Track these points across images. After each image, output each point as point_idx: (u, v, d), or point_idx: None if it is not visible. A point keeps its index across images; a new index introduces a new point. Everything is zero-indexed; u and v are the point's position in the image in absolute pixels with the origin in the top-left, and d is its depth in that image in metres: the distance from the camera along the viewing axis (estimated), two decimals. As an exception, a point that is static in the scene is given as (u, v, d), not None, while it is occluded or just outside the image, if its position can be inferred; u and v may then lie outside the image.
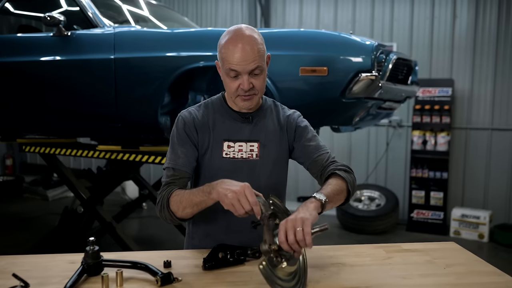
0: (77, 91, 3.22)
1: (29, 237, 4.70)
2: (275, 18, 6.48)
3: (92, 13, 3.28)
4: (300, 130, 1.71)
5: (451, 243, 1.76)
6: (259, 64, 1.51)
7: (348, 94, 2.59)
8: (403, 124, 5.89)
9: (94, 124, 3.32)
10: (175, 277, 1.38)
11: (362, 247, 1.71)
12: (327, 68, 2.55)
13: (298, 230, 1.27)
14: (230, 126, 1.65)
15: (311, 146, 1.68)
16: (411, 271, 1.46)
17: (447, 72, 5.61)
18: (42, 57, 3.26)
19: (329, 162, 1.65)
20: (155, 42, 3.01)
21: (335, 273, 1.45)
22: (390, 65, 2.82)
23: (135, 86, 3.00)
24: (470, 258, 1.59)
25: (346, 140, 6.20)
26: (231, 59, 1.49)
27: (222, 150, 1.63)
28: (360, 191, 5.81)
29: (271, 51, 2.67)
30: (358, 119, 2.82)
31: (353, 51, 2.60)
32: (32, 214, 6.04)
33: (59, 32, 3.18)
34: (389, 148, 5.99)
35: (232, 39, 1.51)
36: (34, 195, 7.07)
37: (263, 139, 1.66)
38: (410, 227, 5.54)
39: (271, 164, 1.67)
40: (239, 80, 1.53)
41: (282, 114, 1.74)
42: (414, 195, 5.54)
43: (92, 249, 1.42)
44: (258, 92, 1.57)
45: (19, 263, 1.53)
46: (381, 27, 5.89)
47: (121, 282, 1.35)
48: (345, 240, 5.16)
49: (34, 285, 1.33)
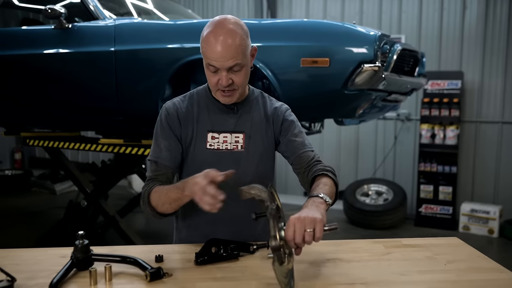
0: (78, 84, 3.20)
1: (36, 230, 4.70)
2: (282, 10, 6.41)
3: (93, 5, 3.25)
4: (287, 124, 1.66)
5: (454, 239, 1.71)
6: (238, 61, 1.46)
7: (350, 86, 2.53)
8: (411, 117, 5.80)
9: (96, 118, 3.30)
10: (165, 272, 1.35)
11: (361, 242, 1.66)
12: (328, 59, 2.49)
13: (309, 232, 1.22)
14: (214, 117, 1.62)
15: (297, 142, 1.64)
16: (410, 267, 1.41)
17: (456, 64, 5.51)
18: (43, 50, 3.24)
19: (314, 160, 1.61)
20: (155, 33, 2.98)
21: (330, 269, 1.41)
22: (394, 56, 2.75)
23: (135, 79, 2.98)
24: (473, 254, 1.53)
25: (354, 133, 6.13)
26: (210, 54, 1.46)
27: (206, 142, 1.60)
28: (368, 185, 5.75)
29: (271, 42, 2.66)
30: (362, 112, 2.76)
31: (355, 41, 2.54)
32: (40, 208, 6.07)
33: (60, 25, 3.16)
34: (397, 142, 5.91)
35: (212, 32, 1.47)
36: (42, 189, 7.10)
37: (249, 130, 1.62)
38: (418, 222, 5.46)
39: (257, 155, 1.63)
40: (218, 75, 1.49)
41: (270, 105, 1.69)
42: (423, 190, 5.45)
43: (81, 243, 1.39)
44: (239, 87, 1.54)
45: (10, 257, 1.51)
46: (389, 19, 5.80)
47: (110, 276, 1.32)
48: (352, 234, 5.10)
49: (22, 279, 1.30)
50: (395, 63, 2.80)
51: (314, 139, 6.12)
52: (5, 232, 5.00)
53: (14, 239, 4.67)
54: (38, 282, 1.30)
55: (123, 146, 3.39)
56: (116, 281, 1.32)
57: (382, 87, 2.61)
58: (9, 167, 8.01)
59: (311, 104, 2.68)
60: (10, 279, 1.25)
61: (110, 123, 3.28)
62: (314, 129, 3.63)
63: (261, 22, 3.11)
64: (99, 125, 3.57)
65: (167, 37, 2.92)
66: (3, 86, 3.47)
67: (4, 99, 3.53)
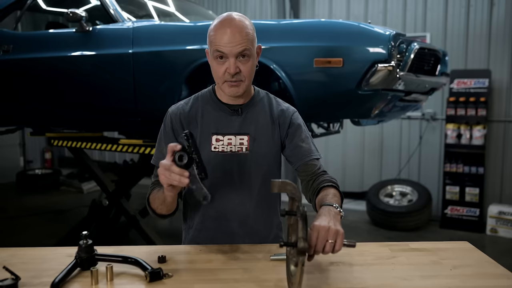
0: (98, 86, 3.26)
1: (61, 228, 4.82)
2: (305, 10, 6.38)
3: (113, 9, 3.31)
4: (294, 128, 1.65)
5: (463, 243, 1.66)
6: (246, 47, 1.47)
7: (364, 86, 2.50)
8: (437, 117, 5.69)
9: (115, 119, 3.36)
10: (165, 273, 1.36)
11: (367, 245, 1.63)
12: (342, 59, 2.47)
13: (330, 243, 1.22)
14: (219, 119, 1.61)
15: (304, 148, 1.62)
16: (413, 272, 1.38)
17: (483, 62, 5.36)
18: (65, 53, 3.31)
19: (321, 170, 1.61)
20: (171, 35, 3.01)
21: (331, 272, 1.39)
22: (411, 55, 2.69)
23: (152, 80, 3.01)
24: (481, 259, 1.49)
25: (378, 133, 6.04)
26: (219, 41, 1.46)
27: (211, 144, 1.60)
28: (392, 186, 5.67)
29: (284, 42, 2.65)
30: (378, 112, 2.71)
31: (369, 41, 2.50)
32: (67, 206, 6.22)
33: (81, 28, 3.23)
34: (422, 142, 5.80)
35: (221, 23, 1.49)
36: (70, 188, 7.30)
37: (253, 132, 1.61)
38: (444, 224, 5.35)
39: (262, 157, 1.62)
40: (226, 64, 1.49)
41: (276, 107, 1.67)
42: (448, 191, 5.34)
43: (85, 243, 1.41)
44: (245, 78, 1.52)
45: (19, 256, 1.55)
46: (413, 17, 5.70)
47: (111, 276, 1.34)
48: (374, 236, 5.04)
49: (27, 278, 1.34)
50: (413, 63, 2.74)
51: (337, 139, 6.09)
52: (33, 229, 5.17)
53: (39, 236, 4.81)
54: (42, 281, 1.33)
55: (142, 146, 3.44)
56: (117, 281, 1.34)
57: (397, 87, 2.57)
58: (40, 166, 8.25)
59: (325, 104, 2.66)
60: (14, 278, 1.29)
61: (129, 124, 3.33)
62: (332, 129, 3.60)
63: (272, 22, 3.11)
64: (118, 126, 3.63)
65: (183, 39, 2.95)
66: (28, 88, 3.57)
67: (29, 100, 3.63)
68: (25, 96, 3.63)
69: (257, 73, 2.96)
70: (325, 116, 2.88)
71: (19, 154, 8.10)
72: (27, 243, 4.58)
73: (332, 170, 6.39)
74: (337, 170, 6.37)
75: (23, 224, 5.43)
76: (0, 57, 3.59)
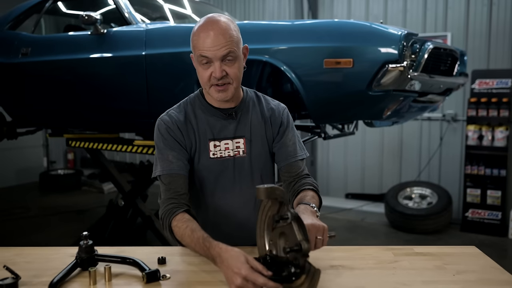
0: (113, 88, 3.30)
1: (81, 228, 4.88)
2: (323, 11, 6.34)
3: (127, 12, 3.34)
4: (284, 127, 1.64)
5: (471, 247, 1.61)
6: (231, 49, 1.44)
7: (375, 87, 2.46)
8: (457, 118, 5.57)
9: (129, 120, 3.39)
10: (163, 275, 1.36)
11: (371, 249, 1.60)
12: (352, 60, 2.43)
13: (320, 239, 1.25)
14: (214, 124, 1.59)
15: (290, 149, 1.63)
16: (414, 277, 1.35)
17: (506, 62, 5.23)
18: (80, 55, 3.36)
19: (304, 174, 1.63)
20: (183, 37, 3.00)
21: (330, 276, 1.37)
22: (425, 55, 2.64)
23: (164, 81, 3.03)
24: (487, 265, 1.44)
25: (397, 134, 5.96)
26: (202, 45, 1.43)
27: (209, 151, 1.58)
28: (411, 188, 5.57)
29: (294, 43, 2.63)
30: (390, 113, 2.67)
31: (379, 41, 2.46)
32: (88, 206, 6.32)
33: (95, 30, 3.27)
34: (443, 144, 5.69)
35: (203, 26, 1.46)
36: (91, 188, 7.41)
37: (248, 134, 1.61)
38: (464, 227, 5.22)
39: (259, 158, 1.63)
40: (211, 68, 1.46)
41: (266, 105, 1.66)
42: (469, 194, 5.20)
43: (85, 243, 1.43)
44: (233, 81, 1.49)
45: (24, 255, 1.58)
46: (434, 16, 5.59)
47: (109, 277, 1.35)
48: (392, 239, 4.96)
49: (28, 277, 1.36)
50: (427, 63, 2.69)
51: (355, 140, 6.04)
52: (53, 228, 5.27)
53: (59, 235, 4.90)
54: (42, 280, 1.35)
55: (156, 147, 3.46)
56: (115, 281, 1.35)
57: (409, 88, 2.52)
58: (62, 166, 8.40)
59: (335, 105, 2.63)
60: (15, 277, 1.31)
61: (142, 125, 3.36)
62: (347, 130, 3.56)
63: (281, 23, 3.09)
64: (132, 127, 3.67)
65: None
66: (46, 90, 3.64)
67: (46, 102, 3.70)
68: (43, 98, 3.70)
69: (269, 75, 2.97)
70: (336, 117, 2.84)
71: (42, 154, 8.28)
72: (47, 242, 4.69)
73: (351, 172, 6.34)
74: (356, 171, 6.31)
75: (45, 223, 5.54)
76: (19, 60, 3.67)
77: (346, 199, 6.39)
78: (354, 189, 6.35)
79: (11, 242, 4.66)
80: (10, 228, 5.38)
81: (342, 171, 6.40)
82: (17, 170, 7.74)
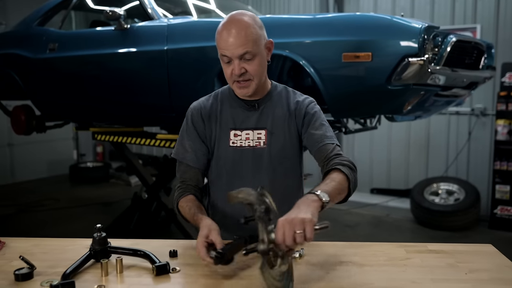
0: (135, 82, 3.35)
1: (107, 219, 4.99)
2: (349, 4, 6.26)
3: (150, 8, 3.38)
4: (308, 117, 1.63)
5: (487, 246, 1.58)
6: (248, 49, 1.48)
7: (394, 81, 2.41)
8: (487, 112, 5.42)
9: (151, 114, 3.44)
10: (173, 268, 1.38)
11: (383, 246, 1.59)
12: (371, 54, 2.40)
13: (299, 234, 1.16)
14: (236, 114, 1.64)
15: (317, 135, 1.60)
16: (425, 275, 1.33)
17: (539, 54, 5.05)
18: (105, 50, 3.42)
19: (334, 154, 1.54)
20: (204, 31, 3.03)
21: (338, 272, 1.36)
22: (448, 48, 2.58)
23: (185, 76, 3.06)
24: (501, 264, 1.41)
25: (424, 129, 5.85)
26: (221, 44, 1.51)
27: (229, 139, 1.63)
28: (437, 184, 5.47)
29: (312, 37, 2.61)
30: (411, 108, 2.62)
31: (398, 34, 2.41)
32: (115, 198, 6.45)
33: (119, 26, 3.32)
34: (471, 138, 5.56)
35: (224, 25, 1.52)
36: (119, 181, 7.56)
37: (270, 126, 1.63)
38: (493, 224, 5.10)
39: (280, 151, 1.63)
40: (232, 66, 1.52)
41: (293, 99, 1.67)
42: (498, 190, 5.08)
43: (99, 235, 1.46)
44: (253, 77, 1.54)
45: (42, 246, 1.63)
46: (463, 8, 5.44)
47: (121, 269, 1.38)
48: (417, 235, 4.89)
49: (44, 267, 1.40)
50: (450, 56, 2.62)
51: (382, 134, 5.96)
52: (81, 219, 5.40)
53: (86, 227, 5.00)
54: (57, 270, 1.38)
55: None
56: (126, 273, 1.38)
57: (430, 82, 2.46)
58: (92, 159, 8.60)
59: (355, 100, 2.60)
60: (30, 267, 1.36)
61: (164, 119, 3.40)
62: (369, 125, 3.52)
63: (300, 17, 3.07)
64: (154, 121, 3.72)
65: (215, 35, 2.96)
66: (72, 84, 3.72)
67: (72, 96, 3.79)
68: (68, 92, 3.79)
69: (290, 69, 2.95)
70: (356, 111, 2.81)
71: (72, 147, 8.49)
72: (74, 233, 4.80)
73: (376, 166, 6.26)
74: (382, 166, 6.23)
75: (73, 215, 5.69)
76: (47, 55, 3.76)
77: (371, 194, 6.32)
78: (380, 184, 6.27)
79: (40, 233, 4.81)
80: (41, 218, 5.56)
81: (368, 166, 6.32)
82: (48, 163, 7.97)
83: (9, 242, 1.65)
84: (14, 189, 7.16)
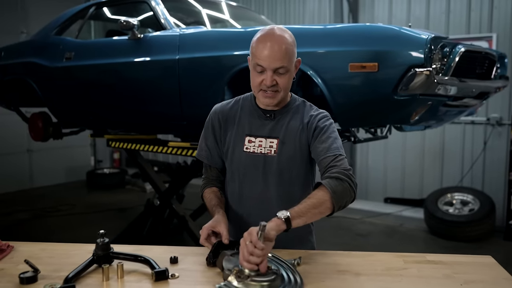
0: (148, 91, 3.41)
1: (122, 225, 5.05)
2: (364, 13, 6.27)
3: (163, 18, 3.45)
4: (318, 130, 1.68)
5: (486, 257, 1.57)
6: (284, 64, 1.56)
7: (400, 91, 2.42)
8: (503, 121, 5.36)
9: (163, 123, 3.50)
10: (172, 274, 1.42)
11: (381, 255, 1.60)
12: (377, 64, 2.41)
13: (248, 244, 1.31)
14: (253, 122, 1.73)
15: (320, 148, 1.64)
16: (420, 285, 1.34)
17: (556, 64, 4.98)
18: (118, 59, 3.49)
19: (329, 166, 1.57)
20: (215, 41, 3.08)
21: (333, 281, 1.38)
22: (456, 58, 2.57)
23: (196, 85, 3.10)
24: (498, 276, 1.41)
25: (439, 138, 5.80)
26: (260, 55, 1.57)
27: (244, 145, 1.72)
28: (452, 194, 5.41)
29: (320, 47, 2.63)
30: (418, 118, 2.62)
31: (404, 45, 2.42)
32: (130, 204, 6.52)
33: (133, 36, 3.39)
34: (487, 148, 5.49)
35: (263, 36, 1.59)
36: (135, 187, 7.65)
37: (282, 136, 1.69)
38: (508, 235, 5.02)
39: (289, 160, 1.69)
40: (263, 75, 1.59)
41: (307, 113, 1.73)
42: (514, 201, 5.01)
43: (102, 241, 1.50)
44: (281, 90, 1.62)
45: (48, 250, 1.68)
46: (479, 17, 5.41)
47: (121, 274, 1.42)
48: (430, 245, 4.84)
49: (48, 271, 1.45)
50: (458, 66, 2.62)
51: (396, 143, 5.93)
52: (95, 225, 5.47)
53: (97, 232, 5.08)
54: (60, 274, 1.43)
55: (190, 149, 3.55)
56: (127, 278, 1.42)
57: (437, 92, 2.46)
58: (109, 166, 8.72)
59: (361, 110, 2.61)
60: (34, 270, 1.40)
61: (176, 127, 3.46)
62: (379, 134, 3.51)
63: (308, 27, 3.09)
64: (166, 129, 3.77)
65: (226, 44, 3.01)
66: (87, 93, 3.80)
67: (87, 104, 3.87)
68: (83, 100, 3.87)
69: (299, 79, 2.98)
70: (363, 121, 2.82)
71: (90, 154, 8.63)
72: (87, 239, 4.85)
73: (390, 176, 6.23)
74: (396, 175, 6.19)
75: (88, 220, 5.78)
76: (63, 64, 3.86)
77: (385, 203, 6.28)
78: (394, 194, 6.23)
79: (54, 237, 4.90)
80: (56, 223, 5.67)
81: (382, 175, 6.30)
82: (66, 169, 8.12)
83: (18, 246, 1.71)
84: (32, 194, 7.31)
